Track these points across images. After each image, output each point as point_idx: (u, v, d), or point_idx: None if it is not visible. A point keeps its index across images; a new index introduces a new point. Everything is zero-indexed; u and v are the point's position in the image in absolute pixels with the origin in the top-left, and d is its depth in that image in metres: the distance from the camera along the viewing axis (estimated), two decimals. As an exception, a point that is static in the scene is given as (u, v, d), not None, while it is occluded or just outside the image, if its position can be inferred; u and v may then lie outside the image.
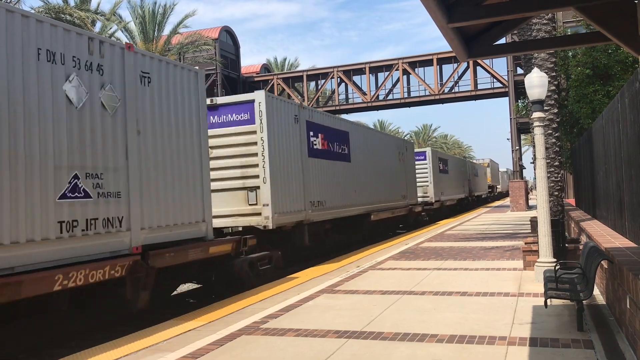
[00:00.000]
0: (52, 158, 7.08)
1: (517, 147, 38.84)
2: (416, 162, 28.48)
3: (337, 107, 45.62)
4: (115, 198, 8.02)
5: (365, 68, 45.09)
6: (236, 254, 10.75)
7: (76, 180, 7.41)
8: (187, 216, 9.58)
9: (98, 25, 32.74)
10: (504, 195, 78.24)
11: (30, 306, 7.19)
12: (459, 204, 39.60)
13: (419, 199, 28.26)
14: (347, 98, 47.52)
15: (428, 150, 30.86)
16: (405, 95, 44.85)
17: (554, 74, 12.15)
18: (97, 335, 8.37)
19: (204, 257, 9.74)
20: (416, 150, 30.00)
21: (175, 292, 11.37)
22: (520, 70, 35.71)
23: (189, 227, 9.63)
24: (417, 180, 28.27)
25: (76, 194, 7.38)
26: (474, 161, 62.74)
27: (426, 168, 30.01)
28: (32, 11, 24.88)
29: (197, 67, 10.94)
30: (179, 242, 9.33)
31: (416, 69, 44.08)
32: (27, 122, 6.79)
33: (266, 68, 55.88)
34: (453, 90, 43.62)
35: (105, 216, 7.81)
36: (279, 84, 47.65)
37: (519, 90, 36.05)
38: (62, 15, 28.12)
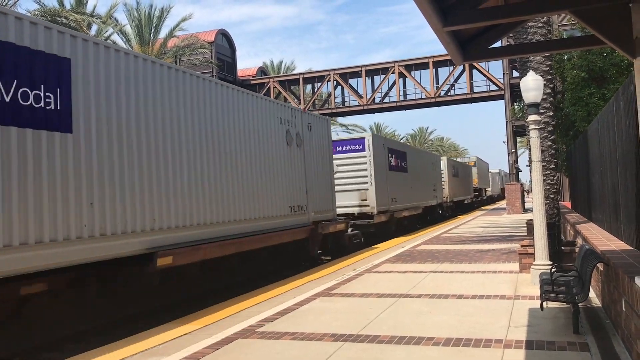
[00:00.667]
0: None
1: (513, 150, 38.93)
2: (344, 155, 20.80)
3: (334, 110, 45.66)
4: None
5: (361, 71, 45.15)
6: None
7: None
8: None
9: (94, 28, 32.72)
10: (495, 199, 69.87)
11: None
12: (427, 215, 30.56)
13: (348, 209, 20.31)
14: (343, 101, 47.56)
15: (368, 136, 21.39)
16: (402, 98, 44.91)
17: (550, 77, 12.17)
18: (92, 339, 8.33)
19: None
20: (344, 137, 23.43)
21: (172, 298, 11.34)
22: (516, 73, 35.75)
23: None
24: (345, 181, 20.49)
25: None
26: (458, 159, 55.40)
27: (365, 163, 20.72)
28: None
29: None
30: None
31: (412, 72, 44.15)
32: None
33: (262, 71, 55.90)
34: (449, 93, 43.71)
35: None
36: (275, 87, 47.66)
37: (515, 93, 36.08)
38: (58, 18, 28.09)
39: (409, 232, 24.38)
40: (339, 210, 18.70)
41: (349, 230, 18.30)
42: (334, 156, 18.44)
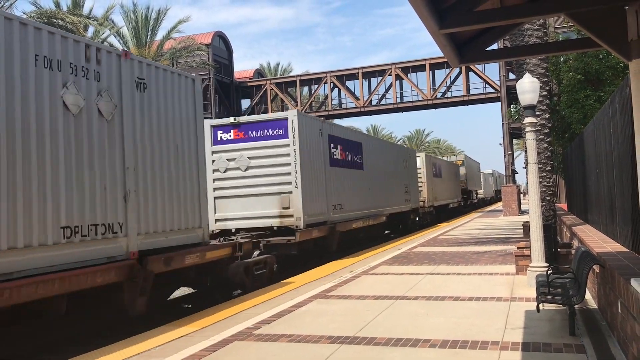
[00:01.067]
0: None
1: (509, 152, 39.02)
2: (259, 144, 14.63)
3: (330, 112, 45.68)
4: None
5: (358, 73, 45.19)
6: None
7: None
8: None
9: (90, 30, 32.70)
10: (487, 202, 63.75)
11: None
12: (398, 223, 25.10)
13: (264, 221, 14.40)
14: (340, 103, 47.61)
15: (292, 115, 14.59)
16: (398, 100, 44.97)
17: (546, 79, 12.23)
18: (88, 342, 8.30)
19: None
20: (260, 117, 15.71)
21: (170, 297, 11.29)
22: (512, 76, 35.88)
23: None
24: (261, 181, 14.53)
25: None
26: (444, 158, 50.52)
27: (288, 155, 14.41)
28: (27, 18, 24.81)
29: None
30: None
31: (409, 74, 44.22)
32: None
33: (259, 73, 55.90)
34: (445, 96, 43.79)
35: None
36: (272, 89, 47.67)
37: (511, 95, 36.23)
38: (55, 20, 28.05)
39: (367, 247, 18.13)
40: (251, 223, 14.25)
41: (256, 254, 12.49)
42: (247, 144, 14.51)
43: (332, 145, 17.01)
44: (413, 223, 27.41)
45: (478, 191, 56.41)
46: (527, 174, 9.95)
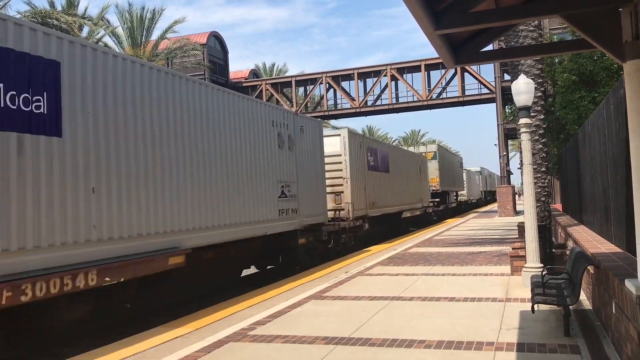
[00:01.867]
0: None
1: (504, 153, 39.11)
2: None
3: (326, 113, 45.69)
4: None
5: (353, 74, 45.24)
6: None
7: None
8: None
9: (85, 30, 32.59)
10: (473, 205, 53.82)
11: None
12: (269, 254, 14.06)
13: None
14: (335, 104, 47.60)
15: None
16: (394, 101, 45.03)
17: (541, 80, 12.24)
18: (83, 343, 8.28)
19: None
20: None
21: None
22: (507, 77, 35.95)
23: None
24: None
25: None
26: (406, 148, 39.26)
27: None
28: (20, 17, 24.70)
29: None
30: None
31: (404, 75, 44.30)
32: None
33: (255, 73, 55.84)
34: (441, 96, 43.88)
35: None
36: (268, 89, 47.65)
37: (507, 96, 36.24)
38: (49, 20, 27.95)
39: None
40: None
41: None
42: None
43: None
44: (304, 252, 14.93)
45: (459, 192, 46.03)
46: (522, 175, 9.96)
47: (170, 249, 9.19)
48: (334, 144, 18.30)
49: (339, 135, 18.66)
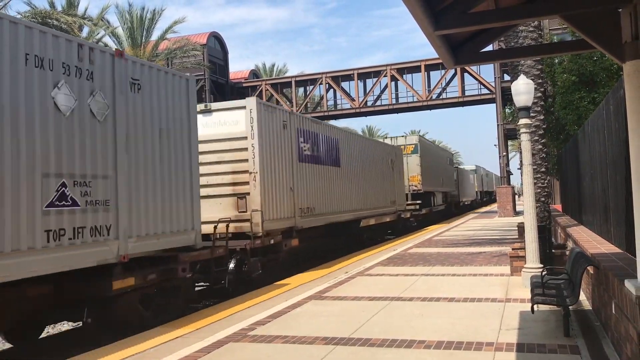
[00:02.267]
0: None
1: (504, 153, 39.10)
2: None
3: (326, 113, 45.67)
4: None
5: (353, 74, 45.23)
6: None
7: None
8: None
9: (85, 30, 32.58)
10: (466, 208, 48.58)
11: None
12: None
13: None
14: (335, 104, 47.60)
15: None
16: (394, 101, 45.03)
17: (540, 80, 12.24)
18: (83, 343, 8.27)
19: None
20: None
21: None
22: (507, 77, 35.94)
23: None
24: None
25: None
26: (379, 139, 34.90)
27: None
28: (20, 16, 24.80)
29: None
30: None
31: (404, 75, 44.29)
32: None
33: (255, 74, 55.82)
34: (441, 97, 43.87)
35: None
36: (268, 89, 47.65)
37: (506, 96, 36.23)
38: (49, 20, 27.94)
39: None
40: None
41: None
42: None
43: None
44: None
45: (449, 192, 39.47)
46: (521, 175, 9.97)
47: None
48: (236, 122, 12.61)
49: (244, 107, 12.60)
